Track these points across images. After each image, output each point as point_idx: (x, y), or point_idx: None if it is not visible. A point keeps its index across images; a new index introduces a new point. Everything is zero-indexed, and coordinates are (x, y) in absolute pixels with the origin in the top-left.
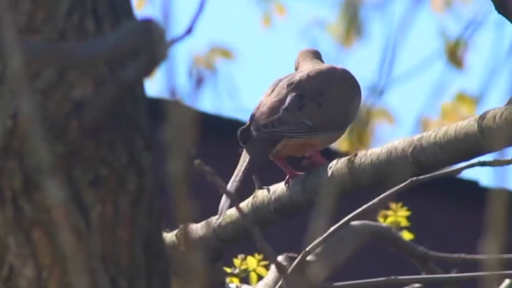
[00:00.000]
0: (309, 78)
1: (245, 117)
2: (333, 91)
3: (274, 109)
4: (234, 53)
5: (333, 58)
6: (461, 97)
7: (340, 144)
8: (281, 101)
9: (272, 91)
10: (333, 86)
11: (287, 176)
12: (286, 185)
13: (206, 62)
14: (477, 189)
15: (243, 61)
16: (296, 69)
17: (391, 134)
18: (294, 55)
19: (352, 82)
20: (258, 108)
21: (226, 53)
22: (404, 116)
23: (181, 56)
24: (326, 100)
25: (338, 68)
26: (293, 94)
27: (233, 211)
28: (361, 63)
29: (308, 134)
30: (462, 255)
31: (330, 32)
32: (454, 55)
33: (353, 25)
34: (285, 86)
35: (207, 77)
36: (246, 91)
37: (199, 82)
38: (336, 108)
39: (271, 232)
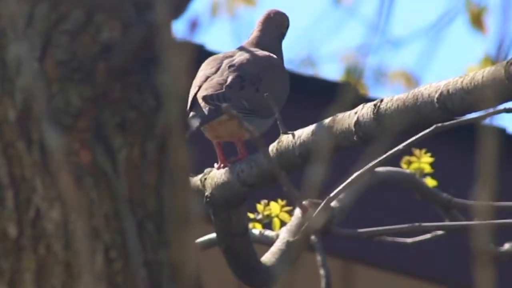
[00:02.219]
0: (249, 63)
1: None
2: (270, 80)
3: (220, 85)
4: None
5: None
6: (487, 61)
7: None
8: (224, 80)
9: (217, 69)
10: (270, 75)
11: (220, 163)
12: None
13: (227, 8)
14: (504, 136)
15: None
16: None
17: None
18: (315, 4)
19: (285, 73)
20: (205, 81)
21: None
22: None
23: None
24: (263, 87)
25: (274, 57)
26: (235, 74)
27: (258, 155)
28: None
29: (245, 115)
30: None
31: None
32: (478, 20)
33: None
34: (227, 67)
35: (203, 21)
36: None
37: (193, 26)
38: (270, 96)
39: (293, 178)
